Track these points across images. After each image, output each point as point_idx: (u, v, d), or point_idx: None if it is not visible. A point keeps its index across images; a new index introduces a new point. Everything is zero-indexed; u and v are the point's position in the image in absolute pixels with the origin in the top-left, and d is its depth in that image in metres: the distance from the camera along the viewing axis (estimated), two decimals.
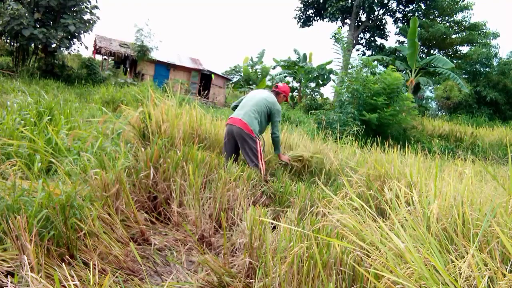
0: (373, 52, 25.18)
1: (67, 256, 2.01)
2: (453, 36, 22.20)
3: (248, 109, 3.87)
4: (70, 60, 18.74)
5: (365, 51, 26.47)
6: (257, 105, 3.90)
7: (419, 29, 20.60)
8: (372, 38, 26.29)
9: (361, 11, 24.46)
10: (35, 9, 14.44)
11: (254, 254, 2.10)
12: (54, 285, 1.69)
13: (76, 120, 4.66)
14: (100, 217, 2.35)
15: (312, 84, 21.29)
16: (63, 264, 1.79)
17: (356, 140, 6.03)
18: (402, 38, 24.57)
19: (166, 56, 22.90)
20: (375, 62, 12.15)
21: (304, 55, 22.38)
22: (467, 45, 22.57)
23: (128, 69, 23.16)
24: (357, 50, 26.46)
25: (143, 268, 2.10)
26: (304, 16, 26.48)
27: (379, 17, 25.19)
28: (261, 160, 3.78)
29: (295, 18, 26.81)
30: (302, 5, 26.07)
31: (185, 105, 4.00)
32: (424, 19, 22.58)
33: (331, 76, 20.47)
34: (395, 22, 25.19)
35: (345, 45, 13.86)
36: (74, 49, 15.92)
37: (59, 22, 14.54)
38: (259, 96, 4.00)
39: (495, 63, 21.34)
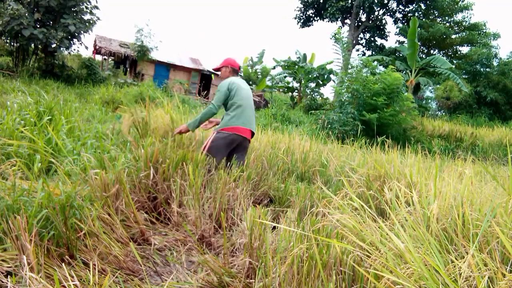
0: (373, 52, 25.17)
1: (67, 256, 2.00)
2: (453, 36, 22.19)
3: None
4: (70, 60, 18.74)
5: (365, 51, 26.46)
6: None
7: (419, 29, 20.60)
8: (372, 38, 26.27)
9: (361, 11, 24.44)
10: (35, 9, 14.44)
11: (254, 254, 2.09)
12: (54, 285, 1.69)
13: (76, 120, 4.66)
14: (100, 217, 2.34)
15: (312, 84, 21.27)
16: (63, 264, 1.79)
17: (356, 140, 6.03)
18: (402, 38, 24.56)
19: (166, 56, 22.90)
20: (375, 62, 12.15)
21: (304, 55, 22.36)
22: (467, 45, 22.56)
23: (128, 69, 23.17)
24: (357, 50, 26.45)
25: (143, 268, 2.10)
26: (304, 16, 26.44)
27: (379, 17, 25.18)
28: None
29: (295, 18, 26.79)
30: (302, 5, 26.04)
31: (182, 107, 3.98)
32: (424, 19, 22.57)
33: (331, 76, 20.48)
34: (395, 22, 25.17)
35: (345, 45, 13.86)
36: (74, 49, 15.95)
37: (59, 22, 14.54)
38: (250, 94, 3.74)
39: (495, 63, 21.35)
